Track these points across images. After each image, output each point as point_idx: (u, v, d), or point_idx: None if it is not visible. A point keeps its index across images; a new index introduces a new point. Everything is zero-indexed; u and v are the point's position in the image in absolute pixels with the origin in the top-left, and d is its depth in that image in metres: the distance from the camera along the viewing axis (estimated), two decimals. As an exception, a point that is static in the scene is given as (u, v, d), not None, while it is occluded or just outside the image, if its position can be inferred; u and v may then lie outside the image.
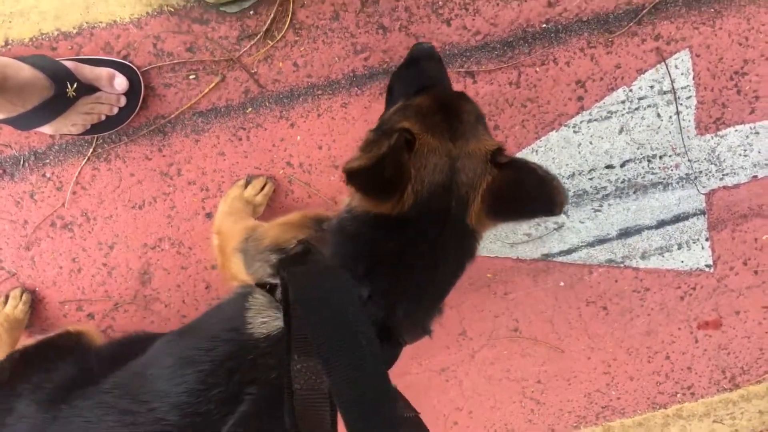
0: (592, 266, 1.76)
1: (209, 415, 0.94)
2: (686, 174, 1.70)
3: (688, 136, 1.66)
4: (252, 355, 0.96)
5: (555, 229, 1.71)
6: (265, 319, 0.99)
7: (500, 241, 1.70)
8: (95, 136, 1.50)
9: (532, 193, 0.94)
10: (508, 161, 0.97)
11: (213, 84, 1.51)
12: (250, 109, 1.54)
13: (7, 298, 1.57)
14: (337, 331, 0.81)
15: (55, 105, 1.37)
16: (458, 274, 1.04)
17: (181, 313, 1.66)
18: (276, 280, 1.04)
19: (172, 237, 1.60)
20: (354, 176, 0.89)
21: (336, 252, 1.00)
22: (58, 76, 1.36)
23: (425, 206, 0.95)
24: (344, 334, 0.81)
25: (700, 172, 1.70)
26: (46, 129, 1.43)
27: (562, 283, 1.77)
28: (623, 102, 1.62)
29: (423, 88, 1.12)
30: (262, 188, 1.56)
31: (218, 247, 1.35)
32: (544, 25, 1.56)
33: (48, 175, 1.53)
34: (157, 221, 1.59)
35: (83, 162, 1.53)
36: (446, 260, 1.00)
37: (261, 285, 1.06)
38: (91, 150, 1.52)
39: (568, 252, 1.74)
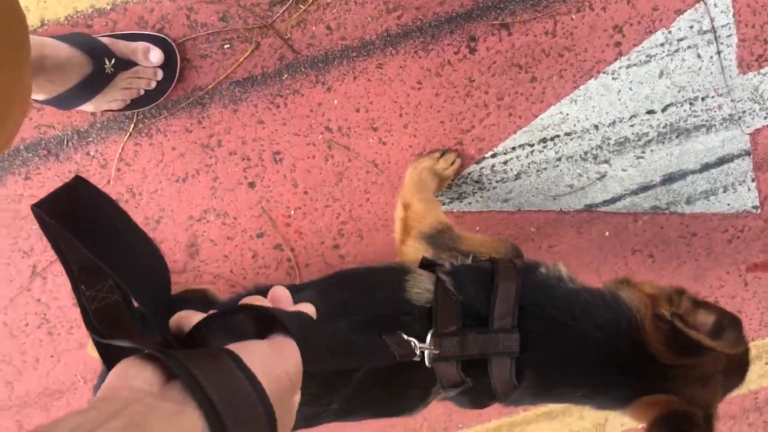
0: (637, 214, 1.78)
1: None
2: (729, 115, 1.70)
3: (730, 76, 1.66)
4: (408, 317, 1.07)
5: (597, 179, 1.73)
6: (420, 291, 1.10)
7: (542, 194, 1.73)
8: (135, 111, 1.55)
9: None
10: None
11: (248, 52, 1.54)
12: (286, 75, 1.57)
13: None
14: None
15: (95, 81, 1.41)
16: None
17: (230, 283, 1.72)
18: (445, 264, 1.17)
19: (216, 208, 1.65)
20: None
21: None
22: (96, 52, 1.40)
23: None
24: None
25: (744, 111, 1.70)
26: (87, 107, 1.47)
27: (606, 233, 1.79)
28: (662, 45, 1.62)
29: None
30: (452, 163, 1.63)
31: (402, 220, 1.45)
32: (579, -29, 1.56)
33: (92, 153, 1.58)
34: (200, 193, 1.64)
35: (125, 138, 1.57)
36: None
37: (424, 264, 1.20)
38: (132, 126, 1.57)
39: (612, 201, 1.76)
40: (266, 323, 0.55)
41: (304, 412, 1.09)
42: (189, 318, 0.55)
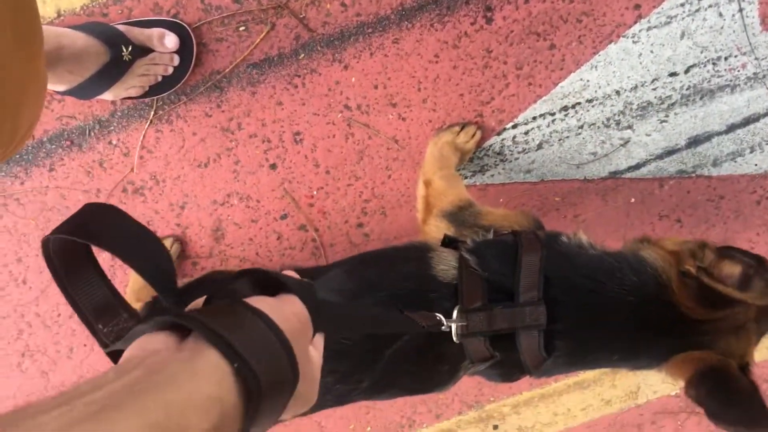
0: (663, 179, 1.77)
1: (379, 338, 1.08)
2: (754, 73, 1.67)
3: (753, 34, 1.63)
4: (435, 293, 1.09)
5: (621, 145, 1.71)
6: (445, 267, 1.11)
7: (565, 163, 1.72)
8: (155, 98, 1.56)
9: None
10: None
11: (263, 33, 1.54)
12: (302, 55, 1.57)
13: None
14: None
15: (113, 70, 1.42)
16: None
17: (257, 266, 1.73)
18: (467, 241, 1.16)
19: (239, 191, 1.66)
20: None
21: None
22: (112, 40, 1.41)
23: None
24: None
25: (769, 69, 1.67)
26: (107, 95, 1.48)
27: (632, 200, 1.78)
28: (683, 5, 1.60)
29: None
30: (473, 135, 1.62)
31: (423, 198, 1.46)
32: (594, -67, 1.54)
33: (114, 142, 1.60)
34: (223, 177, 1.65)
35: (146, 125, 1.59)
36: None
37: (446, 242, 1.20)
38: (152, 112, 1.58)
39: (637, 167, 1.74)
40: (270, 286, 0.57)
41: (336, 390, 1.10)
42: (202, 302, 0.56)
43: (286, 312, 0.53)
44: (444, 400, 2.01)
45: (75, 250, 0.54)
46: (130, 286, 1.60)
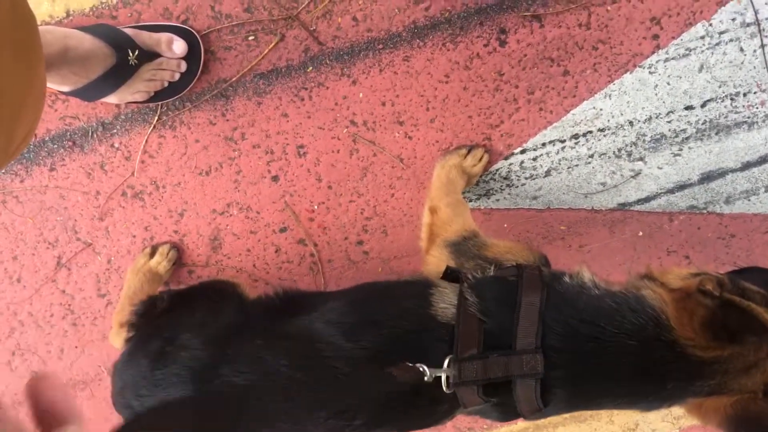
0: (673, 213, 1.74)
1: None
2: (773, 111, 1.65)
3: (774, 71, 1.61)
4: (431, 334, 1.07)
5: (632, 176, 1.69)
6: (445, 306, 1.10)
7: (573, 192, 1.70)
8: (160, 103, 1.56)
9: None
10: None
11: (272, 44, 1.54)
12: (310, 68, 1.56)
13: (154, 251, 1.66)
14: None
15: (118, 73, 1.43)
16: None
17: (253, 277, 1.73)
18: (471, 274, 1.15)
19: (239, 202, 1.66)
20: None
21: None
22: (119, 43, 1.41)
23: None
24: None
25: (789, 108, 1.65)
26: (111, 99, 1.48)
27: (640, 233, 1.76)
28: (702, 38, 1.57)
29: None
30: (480, 159, 1.62)
31: (428, 226, 1.45)
32: (615, -40, 1.52)
33: (116, 145, 1.60)
34: (224, 186, 1.64)
35: (149, 130, 1.59)
36: None
37: (449, 273, 1.20)
38: (156, 118, 1.58)
39: (647, 200, 1.72)
40: None
41: (328, 425, 1.09)
42: None
43: None
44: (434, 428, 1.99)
45: None
46: (125, 291, 1.60)
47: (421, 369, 0.96)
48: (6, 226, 1.66)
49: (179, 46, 1.47)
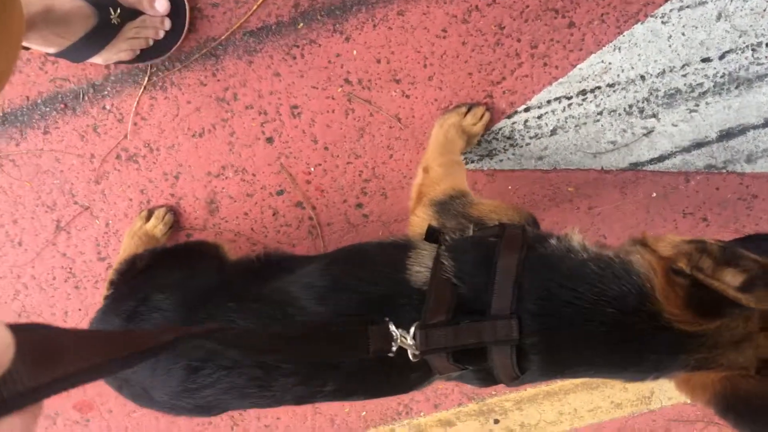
0: (689, 173, 1.66)
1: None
2: (800, 62, 1.54)
3: (801, 18, 1.50)
4: (404, 299, 1.04)
5: (644, 134, 1.61)
6: (420, 269, 1.07)
7: (581, 152, 1.63)
8: (149, 64, 1.54)
9: None
10: None
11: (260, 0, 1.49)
12: (301, 24, 1.52)
13: (150, 214, 1.66)
14: None
15: (102, 33, 1.41)
16: None
17: (252, 241, 1.72)
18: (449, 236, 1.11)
19: (234, 164, 1.64)
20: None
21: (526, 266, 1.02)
22: (100, 2, 1.39)
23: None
24: None
25: (817, 59, 1.54)
26: (98, 59, 1.47)
27: (654, 194, 1.68)
28: (721, -17, 1.48)
29: None
30: (481, 117, 1.57)
31: (417, 186, 1.41)
32: None
33: (108, 107, 1.59)
34: (218, 149, 1.62)
35: (140, 92, 1.57)
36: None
37: (430, 233, 1.16)
38: (146, 78, 1.56)
39: (660, 159, 1.64)
40: None
41: (295, 392, 1.08)
42: None
43: None
44: (443, 390, 1.97)
45: None
46: (121, 254, 1.60)
47: (392, 332, 0.93)
48: (5, 189, 1.67)
49: (161, 4, 1.44)
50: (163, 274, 1.26)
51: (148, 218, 1.65)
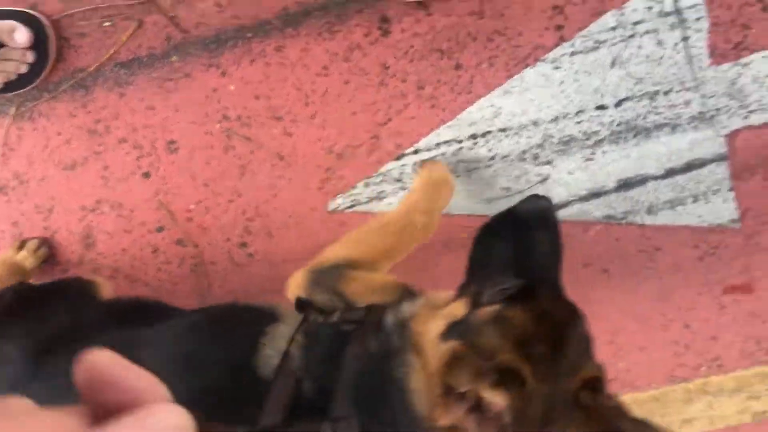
0: (587, 223, 1.58)
1: None
2: (699, 112, 1.46)
3: (699, 67, 1.42)
4: (247, 393, 0.93)
5: (539, 182, 1.53)
6: (271, 354, 0.96)
7: (474, 197, 1.55)
8: (15, 94, 1.46)
9: None
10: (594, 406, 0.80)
11: (130, 31, 1.42)
12: (174, 57, 1.44)
13: (23, 245, 1.58)
14: None
15: None
16: None
17: (131, 278, 1.64)
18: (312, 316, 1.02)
19: (110, 199, 1.56)
20: None
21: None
22: None
23: None
24: None
25: (718, 109, 1.46)
26: (-41, 91, 1.40)
27: (550, 244, 1.60)
28: (614, 29, 1.40)
29: (525, 287, 0.90)
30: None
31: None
32: (509, -60, 1.35)
33: (-26, 136, 1.52)
34: (91, 182, 1.55)
35: (8, 122, 1.50)
36: None
37: (299, 305, 1.06)
38: (14, 109, 1.49)
39: (557, 208, 1.56)
40: None
41: None
42: None
43: None
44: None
45: None
46: None
47: None
48: None
49: (21, 36, 1.37)
50: (21, 317, 1.18)
51: (20, 248, 1.57)
